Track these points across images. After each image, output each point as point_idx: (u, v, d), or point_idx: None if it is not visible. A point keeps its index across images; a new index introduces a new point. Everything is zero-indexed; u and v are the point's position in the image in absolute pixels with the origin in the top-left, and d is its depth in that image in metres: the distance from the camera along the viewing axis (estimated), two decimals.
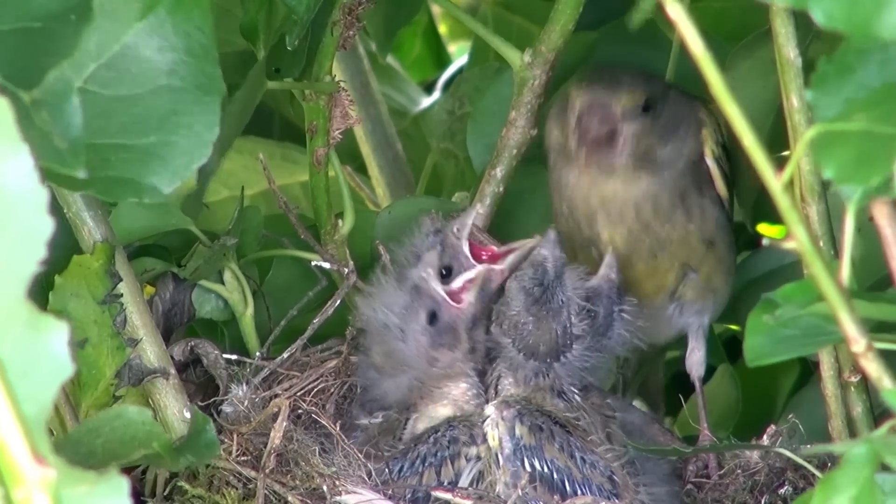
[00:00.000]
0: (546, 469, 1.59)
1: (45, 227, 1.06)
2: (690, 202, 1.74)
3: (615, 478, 1.61)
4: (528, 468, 1.59)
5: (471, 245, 1.72)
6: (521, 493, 1.57)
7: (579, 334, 1.67)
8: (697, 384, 1.81)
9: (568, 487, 1.59)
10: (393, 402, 1.69)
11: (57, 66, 1.18)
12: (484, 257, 1.73)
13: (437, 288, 1.69)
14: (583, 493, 1.59)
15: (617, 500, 1.60)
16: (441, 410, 1.68)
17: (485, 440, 1.61)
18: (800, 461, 1.62)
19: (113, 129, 1.35)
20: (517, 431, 1.60)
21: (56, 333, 1.06)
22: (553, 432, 1.61)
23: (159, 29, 1.37)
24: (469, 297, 1.69)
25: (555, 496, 1.59)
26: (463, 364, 1.68)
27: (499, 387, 1.68)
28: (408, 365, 1.68)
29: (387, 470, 1.62)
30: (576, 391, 1.67)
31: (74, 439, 1.49)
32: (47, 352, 1.05)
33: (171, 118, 1.36)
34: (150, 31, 1.37)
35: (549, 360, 1.66)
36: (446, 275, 1.71)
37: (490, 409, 1.62)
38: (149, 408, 1.66)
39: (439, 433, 1.64)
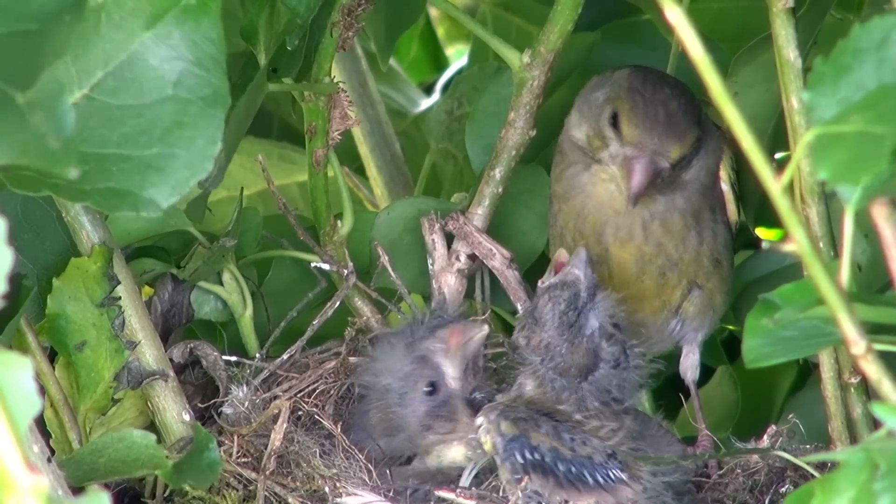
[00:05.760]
0: (536, 456, 1.59)
1: (5, 259, 1.05)
2: (703, 225, 1.75)
3: (616, 454, 1.61)
4: (520, 459, 1.59)
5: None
6: (521, 493, 1.58)
7: (605, 357, 1.67)
8: (692, 387, 1.81)
9: (561, 467, 1.59)
10: (379, 454, 1.69)
11: (50, 65, 1.17)
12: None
13: (443, 363, 1.69)
14: (577, 470, 1.59)
15: (622, 473, 1.60)
16: (454, 450, 1.67)
17: None
18: (799, 463, 1.62)
19: (116, 138, 1.34)
20: (502, 428, 1.61)
21: (21, 370, 1.04)
22: (538, 421, 1.61)
23: (167, 38, 1.35)
24: (453, 373, 1.69)
25: (550, 480, 1.59)
26: (464, 431, 1.67)
27: (519, 392, 1.68)
28: (403, 429, 1.67)
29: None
30: (596, 402, 1.66)
31: (77, 458, 1.49)
32: (14, 390, 1.03)
33: (174, 130, 1.35)
34: (157, 40, 1.35)
35: (577, 381, 1.66)
36: (432, 391, 1.70)
37: (480, 419, 1.63)
38: (148, 411, 1.67)
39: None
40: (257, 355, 1.79)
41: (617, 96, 1.70)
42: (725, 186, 1.77)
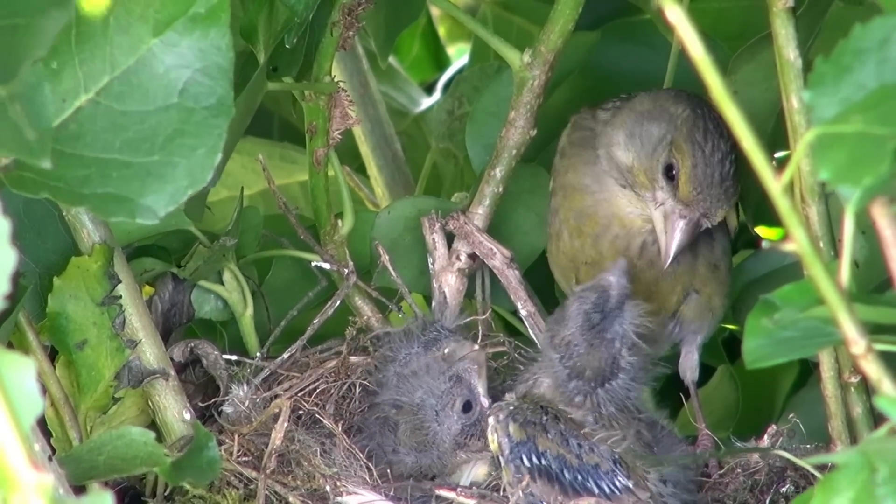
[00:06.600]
0: (543, 461, 1.59)
1: (8, 259, 1.05)
2: (699, 241, 1.74)
3: (622, 461, 1.61)
4: (526, 463, 1.59)
5: None
6: (522, 493, 1.58)
7: (625, 367, 1.67)
8: (692, 388, 1.81)
9: (567, 475, 1.59)
10: (408, 470, 1.69)
11: (31, 58, 1.17)
12: None
13: (476, 383, 1.69)
14: (583, 478, 1.60)
15: (628, 481, 1.60)
16: (478, 469, 1.67)
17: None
18: (798, 462, 1.62)
19: (119, 144, 1.34)
20: (510, 430, 1.61)
21: (24, 371, 1.05)
22: (546, 426, 1.61)
23: (175, 46, 1.35)
24: (481, 389, 1.70)
25: (555, 486, 1.59)
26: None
27: (534, 389, 1.68)
28: (436, 446, 1.68)
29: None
30: (612, 407, 1.67)
31: (76, 456, 1.49)
32: (17, 390, 1.04)
33: (176, 138, 1.34)
34: (165, 48, 1.35)
35: (593, 385, 1.66)
36: (467, 410, 1.70)
37: (490, 417, 1.63)
38: (149, 410, 1.67)
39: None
40: (258, 354, 1.79)
41: (678, 146, 1.68)
42: None
